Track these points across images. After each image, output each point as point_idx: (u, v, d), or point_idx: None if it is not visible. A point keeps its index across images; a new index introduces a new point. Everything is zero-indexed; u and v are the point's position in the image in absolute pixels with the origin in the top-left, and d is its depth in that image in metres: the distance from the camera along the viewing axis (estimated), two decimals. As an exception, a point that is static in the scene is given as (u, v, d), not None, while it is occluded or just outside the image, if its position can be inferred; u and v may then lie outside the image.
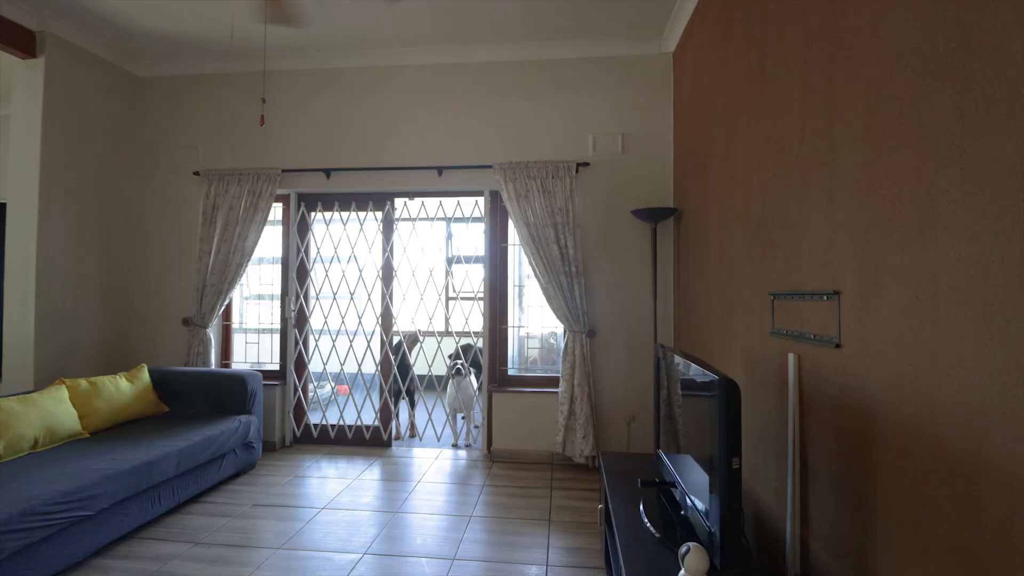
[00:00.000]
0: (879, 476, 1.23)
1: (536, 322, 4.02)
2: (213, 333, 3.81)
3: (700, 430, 1.54)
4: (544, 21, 3.36)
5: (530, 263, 3.52)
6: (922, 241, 1.10)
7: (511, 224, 3.81)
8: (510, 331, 3.88)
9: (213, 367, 3.72)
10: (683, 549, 1.30)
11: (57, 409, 2.70)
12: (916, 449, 1.11)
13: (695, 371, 1.61)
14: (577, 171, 3.55)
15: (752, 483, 2.05)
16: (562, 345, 3.61)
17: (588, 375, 3.43)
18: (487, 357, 3.75)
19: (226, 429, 3.05)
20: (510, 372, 3.83)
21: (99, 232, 3.77)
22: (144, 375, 3.29)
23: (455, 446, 3.92)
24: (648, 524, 1.69)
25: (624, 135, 3.64)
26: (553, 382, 3.72)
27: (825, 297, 1.48)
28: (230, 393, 3.33)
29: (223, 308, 3.81)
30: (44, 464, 2.36)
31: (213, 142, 3.99)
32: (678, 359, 1.83)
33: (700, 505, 1.49)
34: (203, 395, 3.36)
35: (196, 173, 3.92)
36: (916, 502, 1.11)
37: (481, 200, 3.88)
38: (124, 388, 3.10)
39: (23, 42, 3.28)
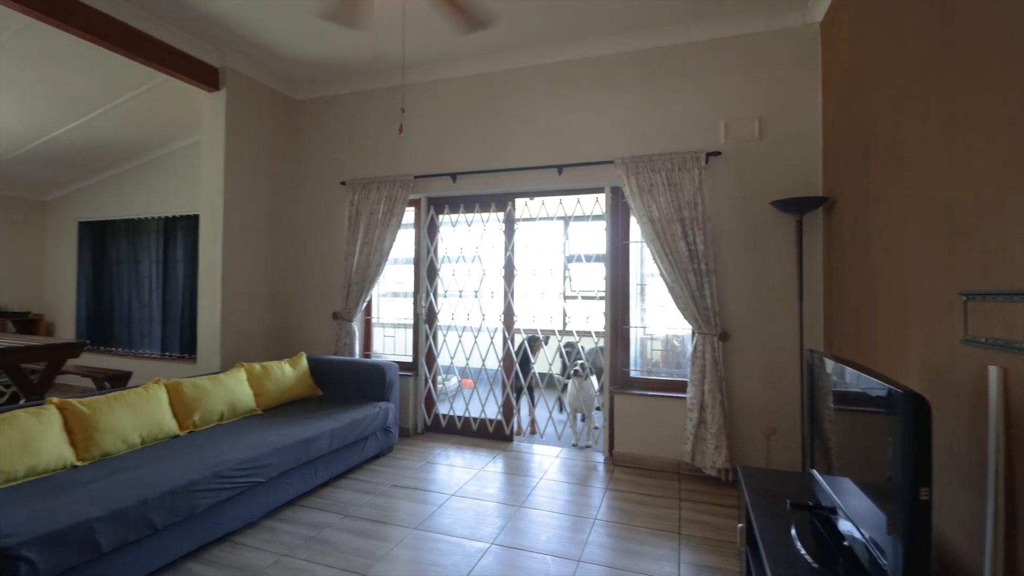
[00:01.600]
0: None
1: (659, 322, 3.84)
2: (357, 326, 4.21)
3: (868, 451, 1.33)
4: (666, 6, 3.19)
5: (654, 260, 3.36)
6: None
7: (633, 220, 3.68)
8: (632, 331, 3.75)
9: (357, 357, 4.10)
10: (852, 586, 1.13)
11: (238, 388, 3.17)
12: None
13: (861, 382, 1.40)
14: (707, 161, 3.32)
15: (934, 517, 1.74)
16: (689, 348, 3.40)
17: (720, 381, 3.19)
18: (608, 358, 3.66)
19: (369, 413, 3.36)
20: (632, 374, 3.71)
21: (266, 238, 4.35)
22: (303, 362, 3.75)
23: (575, 446, 3.89)
24: (803, 552, 1.51)
25: (761, 119, 3.32)
26: (679, 386, 3.53)
27: (1048, 298, 1.19)
28: (372, 381, 3.66)
29: (365, 304, 4.19)
30: (228, 435, 2.78)
31: (356, 154, 4.41)
32: (834, 367, 1.61)
33: (870, 537, 1.29)
34: (350, 382, 3.73)
35: (343, 183, 4.36)
36: None
37: (602, 197, 3.80)
38: (288, 372, 3.56)
39: (209, 78, 3.89)
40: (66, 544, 1.77)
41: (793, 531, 1.64)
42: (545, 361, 4.40)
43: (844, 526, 1.52)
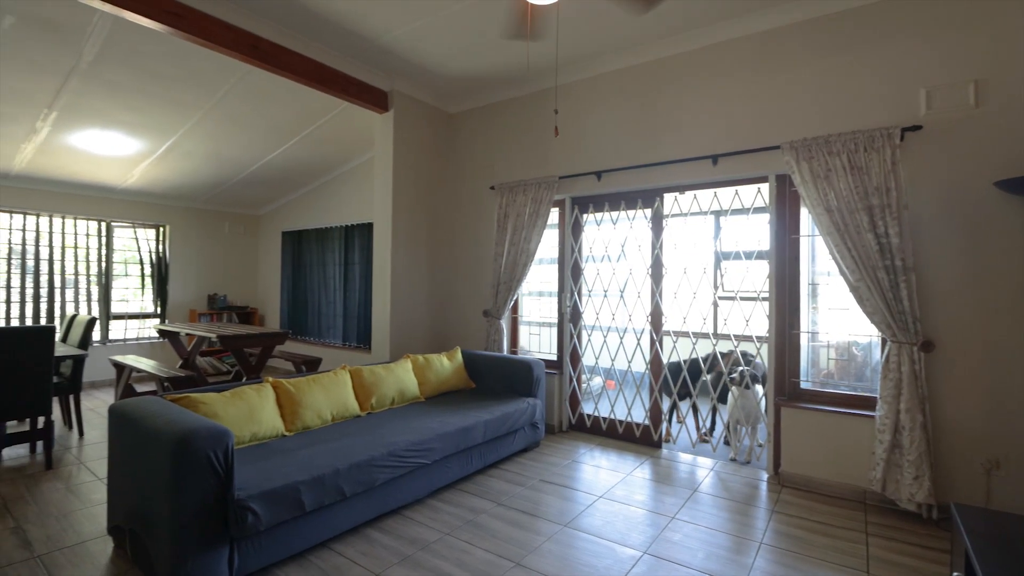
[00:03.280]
0: None
1: (834, 328, 3.36)
2: (505, 324, 4.39)
3: None
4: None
5: (832, 256, 2.95)
6: None
7: (804, 211, 3.28)
8: (802, 337, 3.34)
9: (505, 353, 4.28)
10: None
11: (405, 377, 3.53)
12: None
13: None
14: (902, 138, 2.81)
15: None
16: (876, 358, 2.92)
17: (922, 400, 2.68)
18: (773, 365, 3.31)
19: (518, 408, 3.49)
20: (803, 385, 3.30)
21: (426, 241, 4.76)
22: (458, 356, 4.03)
23: (733, 460, 3.59)
24: (1061, 621, 1.19)
25: (978, 82, 2.72)
26: (861, 402, 3.05)
27: None
28: (520, 377, 3.80)
29: (512, 302, 4.36)
30: (398, 418, 3.10)
31: (504, 158, 4.60)
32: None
33: None
34: (499, 376, 3.92)
35: (491, 187, 4.59)
36: None
37: (764, 187, 3.45)
38: (446, 365, 3.86)
39: (380, 101, 4.38)
40: (280, 501, 2.12)
41: (1043, 594, 1.31)
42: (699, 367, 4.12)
43: None
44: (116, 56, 3.51)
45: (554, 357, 4.41)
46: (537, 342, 4.69)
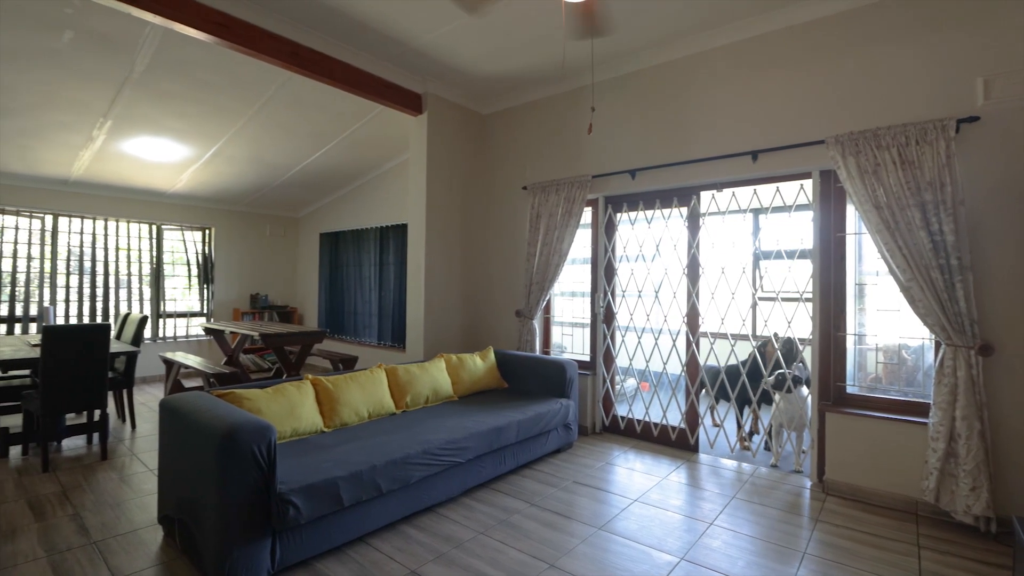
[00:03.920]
0: None
1: (882, 330, 3.21)
2: (537, 324, 4.38)
3: None
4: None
5: (881, 255, 2.82)
6: None
7: (850, 208, 3.15)
8: (848, 339, 3.20)
9: (538, 353, 4.27)
10: None
11: (439, 376, 3.56)
12: None
13: None
14: (957, 130, 2.66)
15: None
16: (930, 362, 2.78)
17: (980, 406, 2.53)
18: (817, 369, 3.19)
19: (552, 408, 3.48)
20: (849, 389, 3.17)
21: (460, 242, 4.80)
22: (491, 355, 4.04)
23: (774, 466, 3.47)
24: None
25: (1042, 68, 2.56)
26: (912, 408, 2.90)
27: None
28: (552, 378, 3.78)
29: (545, 303, 4.35)
30: (432, 417, 3.13)
31: (537, 159, 4.59)
32: None
33: None
34: (532, 376, 3.91)
35: (524, 187, 4.59)
36: None
37: (808, 183, 3.33)
38: (479, 364, 3.88)
39: (414, 103, 4.43)
40: (319, 496, 2.17)
41: (1122, 618, 1.21)
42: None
43: None
44: (166, 66, 3.67)
45: (587, 358, 4.37)
46: (570, 342, 4.67)
